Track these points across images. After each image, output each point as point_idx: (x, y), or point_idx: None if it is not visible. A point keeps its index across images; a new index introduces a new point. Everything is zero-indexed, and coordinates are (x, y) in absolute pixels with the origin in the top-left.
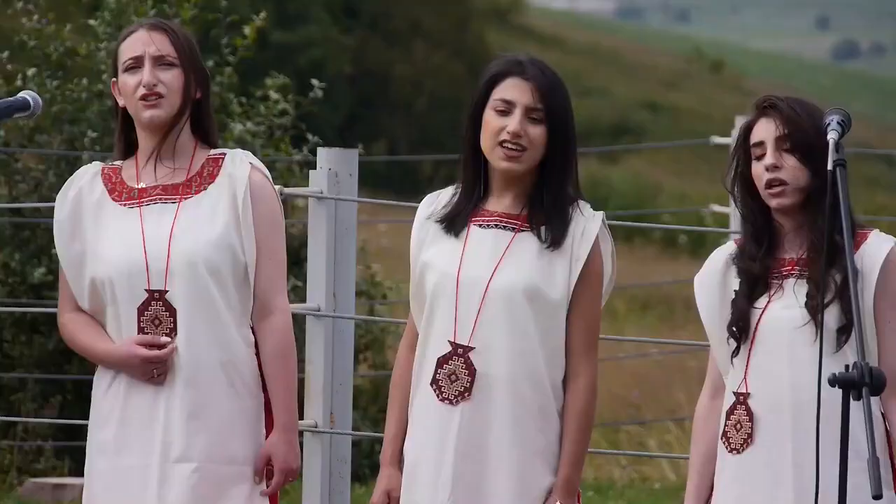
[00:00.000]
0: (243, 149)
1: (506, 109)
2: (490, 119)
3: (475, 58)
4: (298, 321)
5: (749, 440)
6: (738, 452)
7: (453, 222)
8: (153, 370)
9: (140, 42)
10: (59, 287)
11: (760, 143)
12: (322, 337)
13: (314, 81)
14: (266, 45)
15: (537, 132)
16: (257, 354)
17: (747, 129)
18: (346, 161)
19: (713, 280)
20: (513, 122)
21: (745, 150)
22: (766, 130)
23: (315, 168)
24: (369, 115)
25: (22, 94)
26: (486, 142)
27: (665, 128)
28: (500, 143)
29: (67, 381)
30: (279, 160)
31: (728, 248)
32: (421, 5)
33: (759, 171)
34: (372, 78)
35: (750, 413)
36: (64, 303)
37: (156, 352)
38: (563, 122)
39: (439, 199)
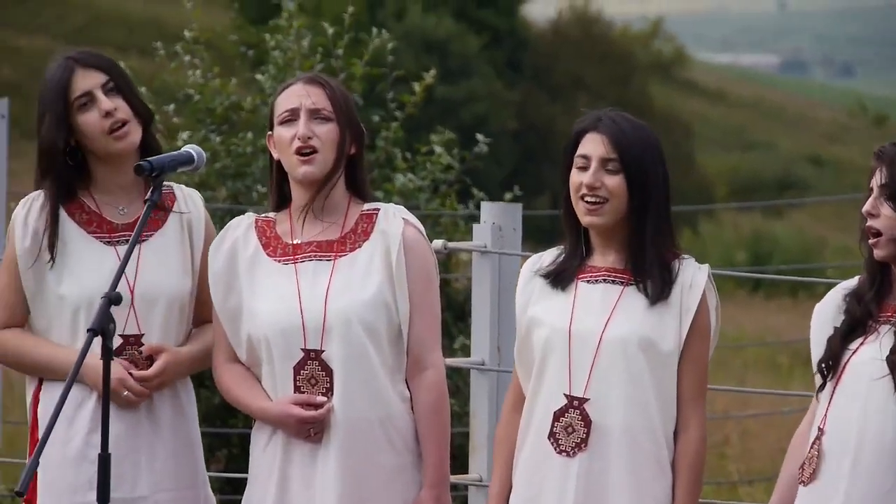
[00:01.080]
0: (407, 201)
1: (584, 165)
2: (572, 177)
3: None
4: (463, 375)
5: (814, 475)
6: (805, 485)
7: (560, 278)
8: (309, 429)
9: (296, 95)
10: (214, 337)
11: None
12: (486, 390)
13: (479, 136)
14: (431, 99)
15: (615, 182)
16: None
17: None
18: (509, 215)
19: (828, 313)
20: (587, 175)
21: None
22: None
23: (479, 222)
24: (533, 169)
25: (186, 147)
26: (573, 199)
27: (829, 182)
28: (582, 198)
29: (233, 435)
30: (444, 214)
31: (850, 283)
32: (584, 59)
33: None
34: (535, 132)
35: (821, 450)
36: (219, 352)
37: (311, 412)
38: (642, 170)
39: (542, 260)
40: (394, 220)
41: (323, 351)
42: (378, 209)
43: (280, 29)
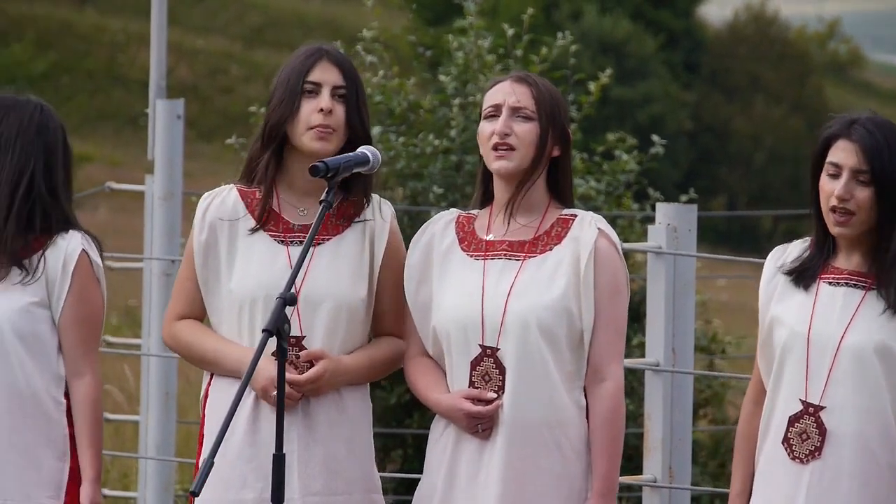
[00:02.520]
0: (586, 205)
1: (835, 173)
2: (823, 183)
3: (814, 113)
4: (637, 375)
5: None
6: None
7: (802, 276)
8: (477, 425)
9: (502, 92)
10: (405, 329)
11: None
12: (661, 392)
13: (655, 137)
14: (607, 100)
15: (864, 195)
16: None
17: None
18: (684, 216)
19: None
20: (839, 186)
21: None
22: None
23: (654, 223)
24: (708, 170)
25: (362, 149)
26: (822, 206)
27: None
28: (832, 209)
29: (408, 436)
30: (621, 216)
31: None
32: (760, 60)
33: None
34: (711, 133)
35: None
36: (410, 345)
37: (479, 408)
38: (893, 182)
39: (787, 252)
40: (589, 228)
41: (498, 349)
42: (576, 215)
43: (462, 30)
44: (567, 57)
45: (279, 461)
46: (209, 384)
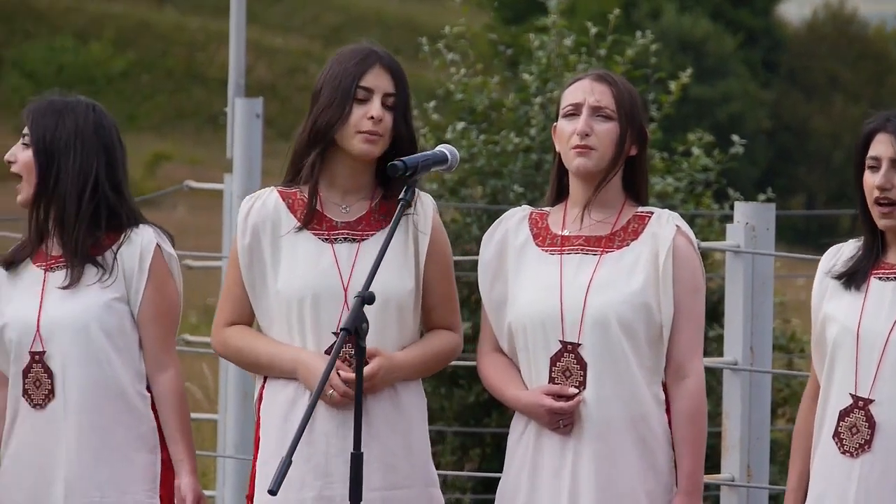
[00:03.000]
0: (664, 203)
1: (875, 165)
2: (865, 178)
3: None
4: (716, 374)
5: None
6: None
7: (853, 277)
8: (559, 421)
9: (582, 90)
10: (481, 327)
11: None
12: (739, 390)
13: (734, 137)
14: (686, 99)
15: None
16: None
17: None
18: (763, 215)
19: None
20: (878, 177)
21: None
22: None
23: (733, 222)
24: (787, 169)
25: (440, 147)
26: (868, 202)
27: None
28: (875, 201)
29: (487, 435)
30: (700, 214)
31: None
32: (839, 59)
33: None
34: (790, 132)
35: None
36: (484, 341)
37: (561, 403)
38: None
39: (840, 253)
40: (667, 225)
41: (580, 344)
42: (652, 213)
43: (543, 29)
44: (647, 56)
45: (357, 460)
46: (263, 387)
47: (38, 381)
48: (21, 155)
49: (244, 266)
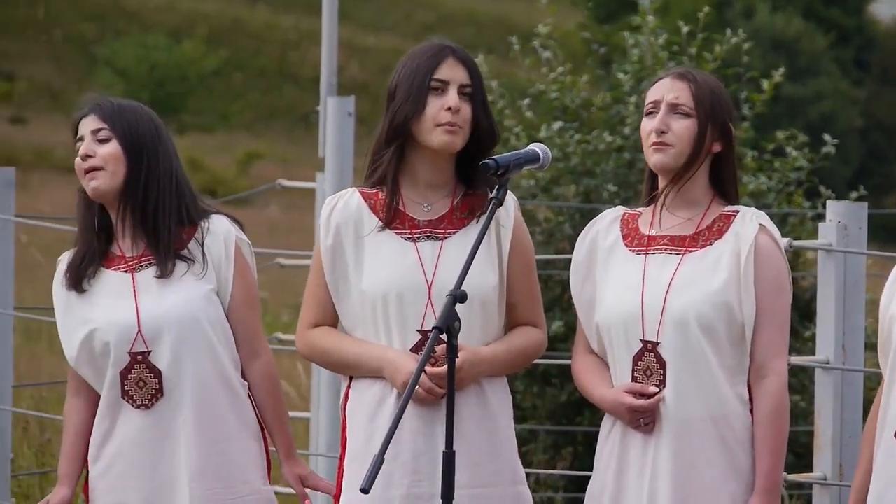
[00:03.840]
0: (757, 202)
1: None
2: None
3: None
4: (808, 373)
5: None
6: None
7: None
8: (640, 419)
9: (661, 89)
10: (577, 327)
11: None
12: (830, 389)
13: (826, 137)
14: (778, 98)
15: None
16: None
17: None
18: (855, 214)
19: None
20: None
21: None
22: None
23: (825, 221)
24: (880, 167)
25: (533, 146)
26: None
27: None
28: None
29: (579, 433)
30: (792, 213)
31: None
32: None
33: None
34: (882, 130)
35: None
36: (577, 342)
37: (641, 402)
38: None
39: None
40: (750, 223)
41: (659, 343)
42: (738, 211)
43: (636, 27)
44: (739, 54)
45: (449, 457)
46: (349, 386)
47: (142, 382)
48: (101, 149)
49: (327, 267)
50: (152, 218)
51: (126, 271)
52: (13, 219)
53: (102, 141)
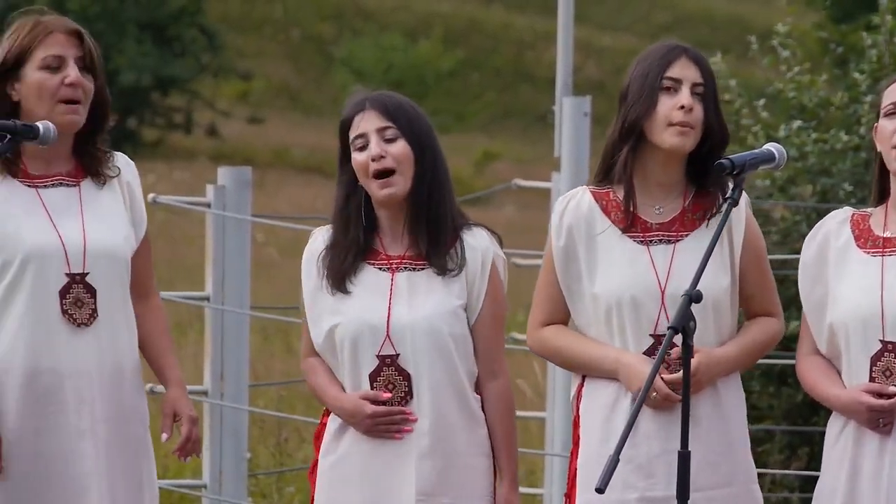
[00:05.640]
0: None
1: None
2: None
3: None
4: None
5: None
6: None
7: None
8: (878, 419)
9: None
10: (800, 329)
11: None
12: None
13: None
14: None
15: None
16: None
17: None
18: None
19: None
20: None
21: None
22: None
23: None
24: None
25: (768, 145)
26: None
27: None
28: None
29: (815, 434)
30: None
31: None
32: None
33: None
34: None
35: None
36: (802, 343)
37: (882, 401)
38: None
39: None
40: None
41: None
42: None
43: (875, 27)
44: None
45: (685, 458)
46: (581, 385)
47: (392, 384)
48: (391, 148)
49: (559, 267)
50: (435, 221)
51: (387, 270)
52: (250, 218)
53: (390, 140)
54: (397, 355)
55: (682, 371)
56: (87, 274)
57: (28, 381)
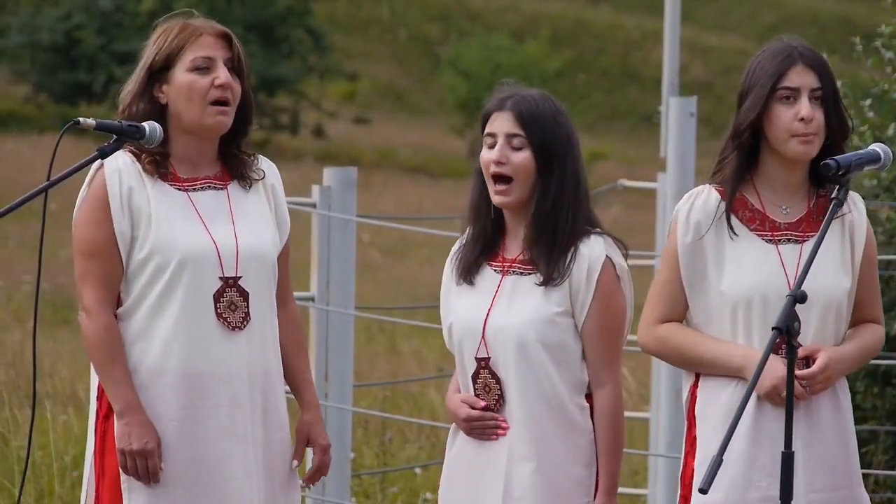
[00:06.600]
0: None
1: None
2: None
3: None
4: None
5: None
6: None
7: None
8: None
9: None
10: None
11: None
12: None
13: None
14: None
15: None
16: None
17: None
18: None
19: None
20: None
21: None
22: None
23: None
24: None
25: (874, 146)
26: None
27: None
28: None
29: None
30: None
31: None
32: None
33: None
34: None
35: None
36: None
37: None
38: None
39: None
40: None
41: None
42: None
43: None
44: None
45: (788, 459)
46: (695, 384)
47: (488, 388)
48: (514, 156)
49: (684, 263)
50: (553, 231)
51: (499, 272)
52: (355, 218)
53: (516, 149)
54: (489, 359)
55: (814, 365)
56: (241, 277)
57: (183, 385)
